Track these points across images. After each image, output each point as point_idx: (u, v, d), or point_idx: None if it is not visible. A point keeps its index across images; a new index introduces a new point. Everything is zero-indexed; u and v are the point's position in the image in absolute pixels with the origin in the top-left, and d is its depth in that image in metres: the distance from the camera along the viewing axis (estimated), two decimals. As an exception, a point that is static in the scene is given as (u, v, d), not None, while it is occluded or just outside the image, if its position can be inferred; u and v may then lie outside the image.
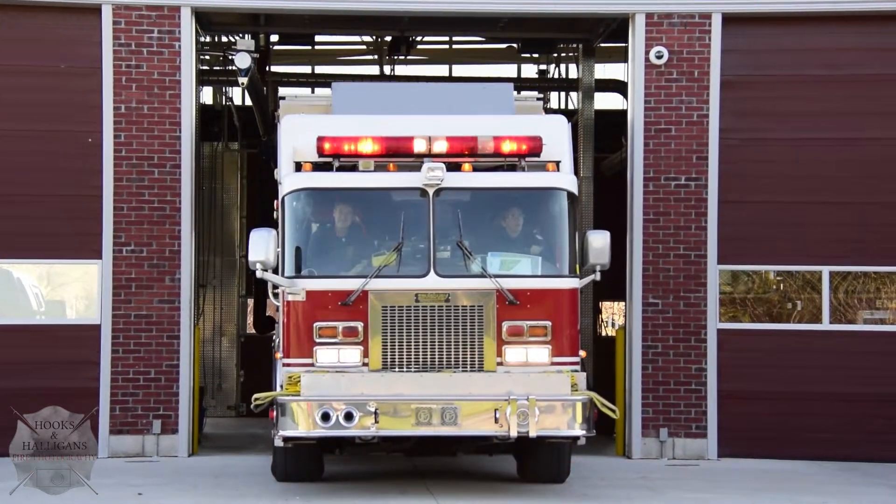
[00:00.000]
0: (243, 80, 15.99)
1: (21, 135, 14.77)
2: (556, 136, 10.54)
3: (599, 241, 10.01)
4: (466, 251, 9.84)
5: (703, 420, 14.79)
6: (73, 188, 14.84)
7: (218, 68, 20.34)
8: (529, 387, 9.27)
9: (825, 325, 15.17)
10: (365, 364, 9.87)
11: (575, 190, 10.31)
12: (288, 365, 10.00)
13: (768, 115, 15.34)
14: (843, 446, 14.77)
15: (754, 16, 15.47)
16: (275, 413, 9.63)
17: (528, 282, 9.87)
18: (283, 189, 10.35)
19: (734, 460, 14.50)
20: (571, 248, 10.18)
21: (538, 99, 13.82)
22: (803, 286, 15.76)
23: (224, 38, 19.96)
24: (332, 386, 9.59)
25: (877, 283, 15.81)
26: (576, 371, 9.66)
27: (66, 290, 15.88)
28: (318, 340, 9.94)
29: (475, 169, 10.18)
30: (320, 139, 10.05)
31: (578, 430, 9.43)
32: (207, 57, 19.56)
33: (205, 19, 16.01)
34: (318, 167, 10.30)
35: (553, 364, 9.70)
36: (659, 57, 14.81)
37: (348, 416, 9.19)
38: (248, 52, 15.34)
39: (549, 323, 9.76)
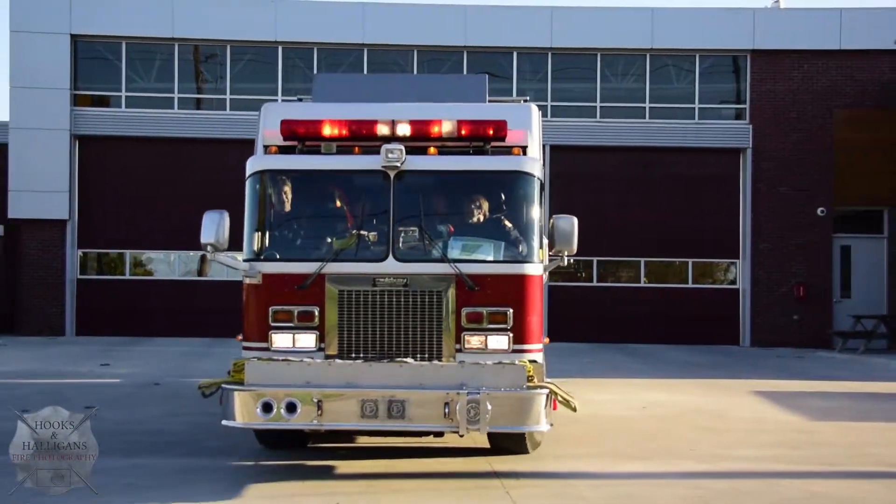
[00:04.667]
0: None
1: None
2: (523, 122, 10.93)
3: (566, 226, 10.23)
4: (426, 235, 10.26)
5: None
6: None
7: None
8: (483, 379, 9.25)
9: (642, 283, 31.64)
10: (321, 349, 10.20)
11: (540, 174, 10.59)
12: (247, 348, 10.41)
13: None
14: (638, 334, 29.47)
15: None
16: (221, 400, 9.95)
17: (489, 267, 10.11)
18: (246, 172, 10.81)
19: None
20: (537, 233, 10.41)
21: (525, 100, 13.91)
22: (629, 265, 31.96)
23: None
24: (276, 375, 9.63)
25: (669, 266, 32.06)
26: (535, 360, 9.82)
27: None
28: (273, 324, 10.26)
29: (441, 153, 10.50)
30: (283, 122, 10.51)
31: (533, 426, 9.53)
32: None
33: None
34: (283, 151, 10.78)
35: (514, 352, 9.88)
36: None
37: (290, 408, 9.27)
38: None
39: (509, 309, 9.90)
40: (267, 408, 9.34)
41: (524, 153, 10.61)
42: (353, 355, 9.98)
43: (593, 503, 10.34)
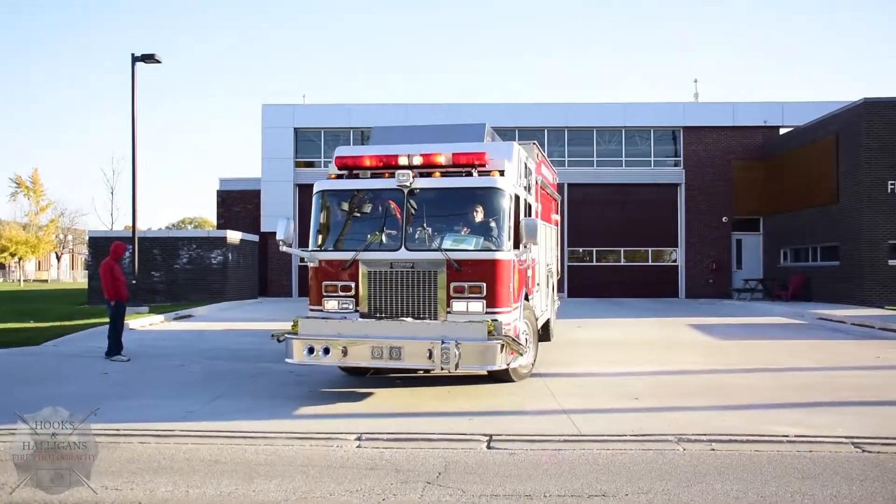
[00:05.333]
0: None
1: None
2: (504, 154, 11.66)
3: (531, 226, 11.07)
4: (427, 233, 11.03)
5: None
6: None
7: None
8: (456, 332, 10.06)
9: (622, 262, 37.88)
10: (357, 310, 11.09)
11: (509, 189, 11.10)
12: (311, 310, 11.41)
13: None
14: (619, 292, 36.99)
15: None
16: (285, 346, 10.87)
17: (470, 254, 10.81)
18: (313, 191, 11.84)
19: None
20: (506, 231, 10.93)
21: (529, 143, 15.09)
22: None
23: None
24: (318, 329, 10.76)
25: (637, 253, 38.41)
26: (496, 320, 10.35)
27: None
28: (325, 294, 11.32)
29: (443, 175, 11.19)
30: (337, 157, 11.77)
31: (491, 366, 10.29)
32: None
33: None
34: (338, 178, 11.76)
35: (487, 313, 10.54)
36: None
37: (325, 351, 10.48)
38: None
39: (483, 283, 10.63)
40: (311, 350, 10.58)
41: (502, 175, 11.17)
42: (377, 315, 10.93)
43: (595, 387, 12.11)
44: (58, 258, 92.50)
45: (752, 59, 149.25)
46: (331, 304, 11.22)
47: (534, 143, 15.35)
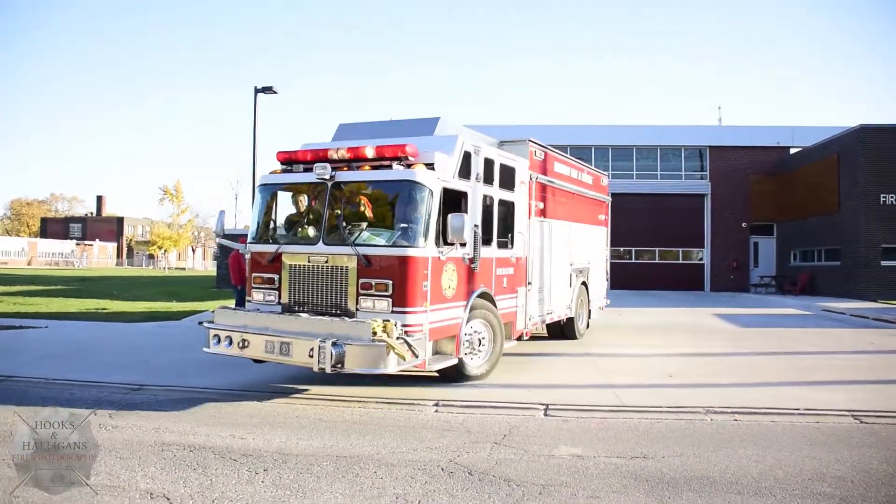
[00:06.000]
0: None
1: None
2: (439, 147, 9.59)
3: (456, 223, 8.84)
4: (343, 227, 9.15)
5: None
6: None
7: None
8: (342, 332, 8.33)
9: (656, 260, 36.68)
10: (279, 303, 9.51)
11: (430, 182, 9.03)
12: (247, 301, 9.95)
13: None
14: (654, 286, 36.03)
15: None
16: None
17: (379, 250, 8.87)
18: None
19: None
20: (422, 226, 8.90)
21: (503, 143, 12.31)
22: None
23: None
24: (229, 319, 9.36)
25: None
26: (390, 320, 8.36)
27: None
28: (253, 285, 9.81)
29: (372, 170, 9.32)
30: (278, 153, 10.03)
31: (376, 369, 8.24)
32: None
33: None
34: (281, 173, 10.11)
35: (393, 312, 8.62)
36: None
37: (229, 341, 9.03)
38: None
39: (390, 281, 8.70)
40: (217, 340, 9.11)
41: (431, 168, 9.22)
42: (296, 309, 9.27)
43: (634, 365, 12.02)
44: (192, 251, 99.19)
45: (767, 88, 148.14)
46: (258, 296, 9.82)
47: (528, 141, 12.39)
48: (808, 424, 7.91)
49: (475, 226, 9.97)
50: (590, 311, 16.16)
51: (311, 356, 8.23)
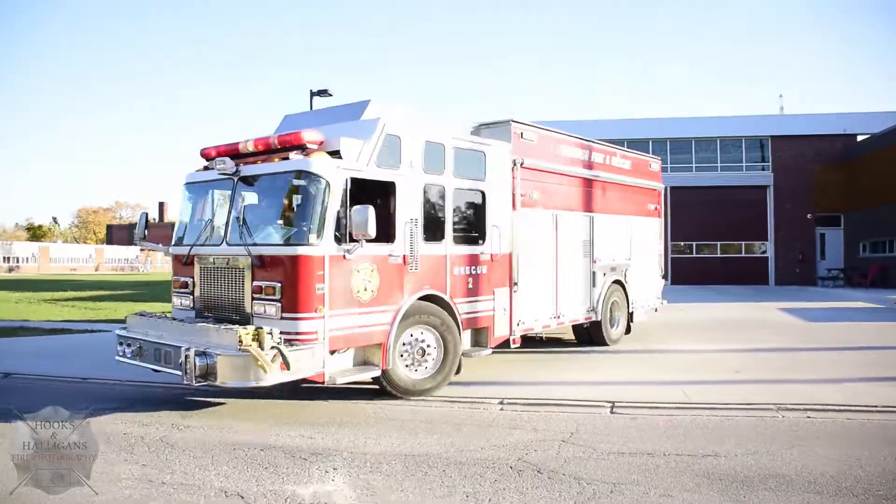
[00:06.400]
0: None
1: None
2: (351, 132, 8.62)
3: (359, 217, 7.91)
4: (242, 225, 8.33)
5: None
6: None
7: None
8: (211, 341, 7.77)
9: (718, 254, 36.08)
10: (193, 308, 8.93)
11: (324, 172, 8.06)
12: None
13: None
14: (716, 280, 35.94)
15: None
16: None
17: (271, 250, 8.10)
18: None
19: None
20: (316, 221, 7.99)
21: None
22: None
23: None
24: (135, 325, 8.98)
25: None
26: (287, 326, 7.74)
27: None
28: (173, 290, 9.34)
29: (281, 160, 8.44)
30: (201, 150, 9.45)
31: (242, 383, 7.51)
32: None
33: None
34: (203, 170, 9.41)
35: (283, 319, 7.82)
36: None
37: (129, 349, 8.54)
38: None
39: (278, 284, 7.88)
40: (123, 348, 8.65)
41: (336, 156, 8.27)
42: (206, 314, 8.70)
43: (699, 361, 11.84)
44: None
45: (831, 73, 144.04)
46: (176, 301, 9.27)
47: (511, 121, 10.93)
48: (885, 422, 7.67)
49: (411, 220, 9.02)
50: (631, 314, 14.60)
51: (180, 366, 7.60)
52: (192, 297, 8.97)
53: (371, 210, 7.90)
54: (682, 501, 5.30)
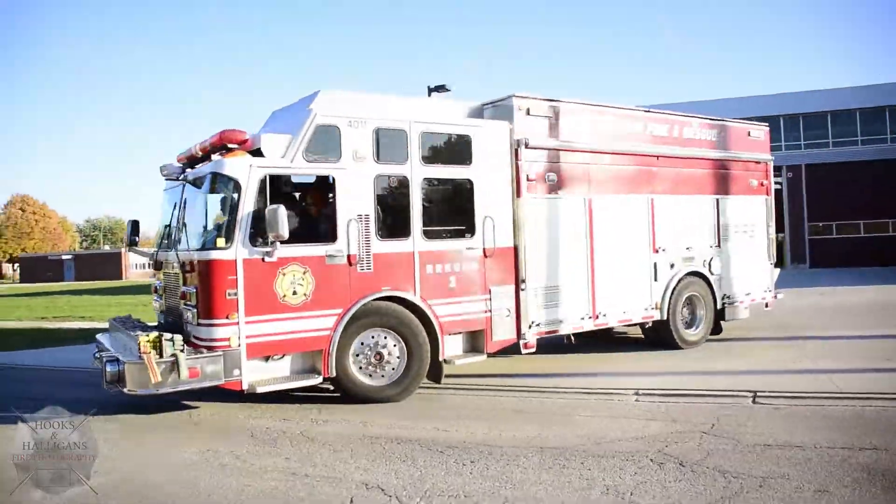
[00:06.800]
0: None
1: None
2: (282, 127, 8.41)
3: (270, 217, 7.53)
4: (181, 230, 8.23)
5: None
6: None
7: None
8: (124, 347, 7.98)
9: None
10: (162, 312, 8.99)
11: (234, 172, 7.78)
12: None
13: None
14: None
15: None
16: None
17: (188, 255, 7.93)
18: None
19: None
20: (226, 223, 7.76)
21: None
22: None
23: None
24: (110, 330, 9.17)
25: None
26: (202, 333, 7.64)
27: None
28: (153, 296, 9.49)
29: None
30: (176, 157, 9.32)
31: (143, 390, 7.33)
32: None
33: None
34: None
35: (199, 325, 7.66)
36: None
37: (98, 357, 8.28)
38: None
39: (194, 290, 7.73)
40: (95, 355, 8.49)
41: (258, 154, 7.98)
42: (168, 318, 8.72)
43: (845, 348, 11.30)
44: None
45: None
46: (154, 306, 9.34)
47: (513, 96, 9.90)
48: None
49: (358, 217, 8.39)
50: (721, 310, 12.57)
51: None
52: (162, 302, 9.13)
53: (281, 209, 7.53)
54: (841, 499, 4.99)
